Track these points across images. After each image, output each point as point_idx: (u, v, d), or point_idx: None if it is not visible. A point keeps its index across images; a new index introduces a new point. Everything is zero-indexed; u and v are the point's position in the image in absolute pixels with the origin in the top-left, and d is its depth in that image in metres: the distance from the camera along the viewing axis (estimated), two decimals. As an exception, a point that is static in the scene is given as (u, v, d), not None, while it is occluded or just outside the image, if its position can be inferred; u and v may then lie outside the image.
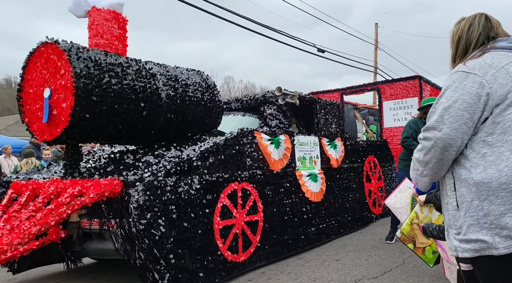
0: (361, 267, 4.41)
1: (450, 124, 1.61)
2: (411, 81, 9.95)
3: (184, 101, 4.58)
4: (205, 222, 3.75)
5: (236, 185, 4.19)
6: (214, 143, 4.06)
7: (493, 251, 1.55)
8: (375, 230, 6.56)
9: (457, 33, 1.83)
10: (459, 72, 1.67)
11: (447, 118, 1.62)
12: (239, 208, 4.21)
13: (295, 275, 4.21)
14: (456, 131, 1.61)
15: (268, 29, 12.79)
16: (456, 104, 1.61)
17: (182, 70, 4.81)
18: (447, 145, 1.62)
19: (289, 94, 5.33)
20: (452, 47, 1.85)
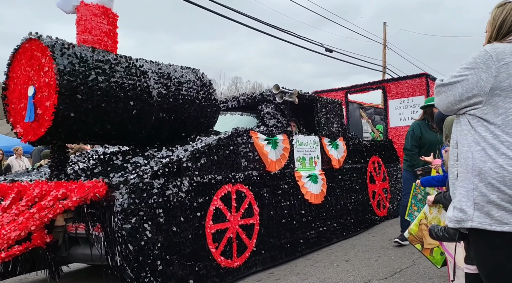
0: (370, 268, 4.36)
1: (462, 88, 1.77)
2: (418, 79, 9.69)
3: (177, 100, 4.40)
4: (196, 226, 3.57)
5: (230, 186, 4.01)
6: (206, 143, 3.89)
7: (468, 222, 1.67)
8: (385, 230, 6.47)
9: (501, 15, 1.81)
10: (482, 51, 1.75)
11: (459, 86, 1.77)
12: (233, 211, 4.02)
13: (304, 276, 4.19)
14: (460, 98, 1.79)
15: (275, 29, 12.71)
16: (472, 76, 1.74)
17: (176, 68, 4.64)
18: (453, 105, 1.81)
19: (287, 92, 5.14)
20: (491, 29, 1.84)
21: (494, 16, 1.84)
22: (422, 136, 5.21)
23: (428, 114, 5.23)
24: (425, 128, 5.24)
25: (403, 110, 9.90)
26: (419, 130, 5.24)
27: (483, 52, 1.75)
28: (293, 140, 5.11)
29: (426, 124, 5.23)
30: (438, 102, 1.90)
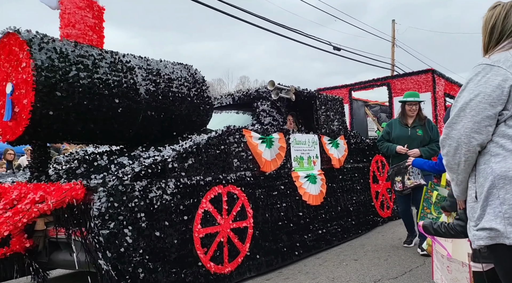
0: (380, 267, 4.32)
1: (472, 118, 1.57)
2: (424, 75, 9.41)
3: (167, 97, 4.20)
4: (182, 230, 3.37)
5: (220, 188, 3.80)
6: (195, 142, 3.68)
7: (505, 240, 1.52)
8: (394, 229, 6.36)
9: (490, 20, 1.75)
10: (482, 65, 1.63)
11: (469, 112, 1.57)
12: (224, 214, 3.82)
13: (313, 275, 4.17)
14: (479, 125, 1.56)
15: (283, 28, 12.68)
16: (478, 97, 1.57)
17: (167, 64, 4.44)
18: (471, 139, 1.57)
19: (284, 89, 4.92)
20: (484, 34, 1.77)
21: (486, 21, 1.77)
22: (391, 132, 5.14)
23: (401, 110, 5.16)
24: (396, 124, 5.13)
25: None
26: (390, 127, 5.24)
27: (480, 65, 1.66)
28: (290, 139, 4.89)
29: (399, 123, 5.11)
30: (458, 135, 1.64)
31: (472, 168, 1.65)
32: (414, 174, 4.61)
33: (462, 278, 2.52)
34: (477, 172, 1.63)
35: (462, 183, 1.70)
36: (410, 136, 4.95)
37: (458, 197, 1.79)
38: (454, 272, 2.62)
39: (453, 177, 1.72)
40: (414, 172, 4.59)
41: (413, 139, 4.93)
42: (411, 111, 5.01)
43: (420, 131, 4.95)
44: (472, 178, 1.65)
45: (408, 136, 4.96)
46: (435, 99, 9.19)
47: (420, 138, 4.93)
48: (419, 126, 4.97)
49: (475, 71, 1.64)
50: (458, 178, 1.69)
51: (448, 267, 2.68)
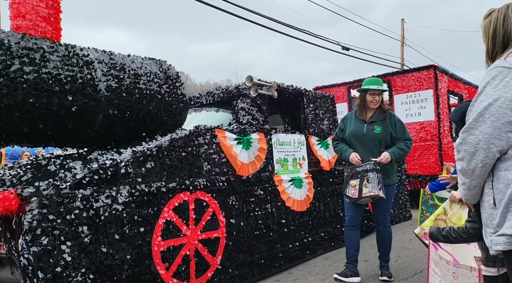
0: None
1: (492, 123, 1.52)
2: (425, 71, 8.94)
3: (132, 95, 3.82)
4: (138, 244, 2.98)
5: (187, 195, 3.42)
6: (156, 144, 3.30)
7: None
8: (404, 230, 6.27)
9: (490, 26, 1.73)
10: (499, 67, 1.57)
11: (488, 117, 1.53)
12: (191, 224, 3.43)
13: (322, 276, 4.15)
14: (499, 131, 1.52)
15: (290, 27, 12.65)
16: (498, 102, 1.52)
17: (135, 59, 4.06)
18: (491, 145, 1.53)
19: (264, 85, 4.51)
20: (487, 42, 1.74)
21: (485, 28, 1.76)
22: (346, 129, 4.11)
23: (360, 100, 4.06)
24: (352, 119, 4.08)
25: (409, 106, 9.17)
26: (345, 122, 4.15)
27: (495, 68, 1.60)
28: (271, 139, 4.49)
29: (355, 118, 4.07)
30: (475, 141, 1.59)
31: (489, 173, 1.60)
32: (373, 182, 3.65)
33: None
34: (495, 178, 1.58)
35: (475, 187, 1.64)
36: (366, 134, 3.92)
37: (468, 200, 1.73)
38: (461, 277, 2.56)
39: (466, 181, 1.65)
40: (374, 179, 3.65)
41: (369, 139, 3.90)
42: (373, 102, 3.92)
43: (378, 129, 3.91)
44: (488, 184, 1.61)
45: (363, 134, 3.93)
46: (437, 97, 8.73)
47: (378, 137, 3.88)
48: (378, 122, 3.93)
49: (492, 74, 1.57)
50: (471, 183, 1.64)
51: (454, 273, 2.63)
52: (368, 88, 3.94)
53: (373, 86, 3.92)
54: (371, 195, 3.68)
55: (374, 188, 3.64)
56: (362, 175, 3.72)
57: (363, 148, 3.92)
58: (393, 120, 3.98)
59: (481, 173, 1.58)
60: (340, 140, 4.14)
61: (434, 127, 8.72)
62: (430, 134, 8.76)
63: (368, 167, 3.73)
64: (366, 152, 3.89)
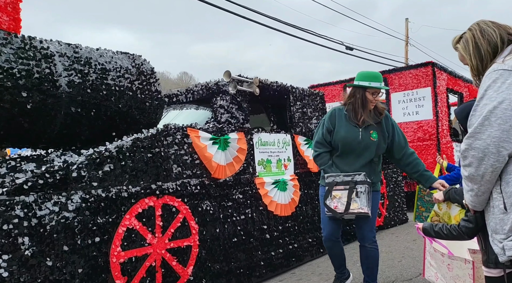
0: (394, 269, 4.27)
1: (499, 126, 1.49)
2: (423, 68, 8.63)
3: (99, 91, 3.53)
4: (92, 255, 2.69)
5: (152, 200, 3.12)
6: (117, 144, 3.01)
7: None
8: (408, 230, 6.21)
9: (468, 44, 1.76)
10: (499, 70, 1.57)
11: (495, 120, 1.50)
12: (157, 232, 3.13)
13: (326, 276, 4.11)
14: (508, 133, 1.50)
15: (293, 27, 12.66)
16: (503, 104, 1.50)
17: (104, 52, 3.77)
18: (501, 149, 1.49)
19: (246, 81, 4.21)
20: (470, 59, 1.76)
21: (464, 49, 1.79)
22: (335, 131, 3.25)
23: (357, 98, 3.20)
24: (342, 119, 3.25)
25: (407, 104, 8.86)
26: (333, 121, 3.27)
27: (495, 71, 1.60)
28: (253, 139, 4.19)
29: (344, 115, 3.25)
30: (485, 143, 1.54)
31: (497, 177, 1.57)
32: (363, 197, 3.01)
33: (463, 275, 2.48)
34: (503, 182, 1.56)
35: (484, 194, 1.61)
36: (361, 142, 3.16)
37: (476, 207, 1.69)
38: (456, 269, 2.58)
39: (473, 187, 1.61)
40: (364, 194, 3.01)
41: (364, 148, 3.18)
42: (373, 102, 3.19)
43: (375, 135, 3.19)
44: (497, 188, 1.58)
45: (359, 142, 3.16)
46: (435, 95, 8.41)
47: (375, 145, 3.18)
48: (373, 127, 3.20)
49: (492, 77, 1.56)
50: (480, 188, 1.59)
51: (449, 265, 2.65)
52: (371, 86, 3.13)
53: (375, 84, 3.13)
54: (359, 212, 3.02)
55: (363, 204, 3.01)
56: (351, 187, 3.03)
57: (356, 158, 3.19)
58: (390, 123, 3.29)
59: (491, 178, 1.55)
60: (326, 145, 3.29)
61: (432, 126, 8.40)
62: (428, 134, 8.44)
63: (359, 178, 3.06)
64: (359, 163, 3.18)
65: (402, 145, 3.29)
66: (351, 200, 3.01)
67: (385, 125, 3.26)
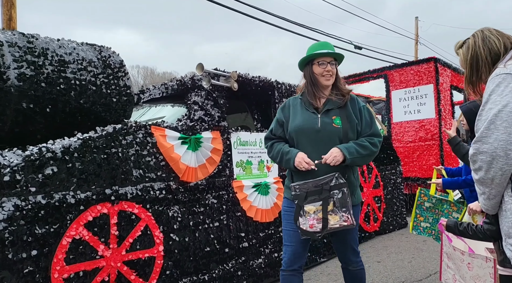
0: (404, 270, 4.26)
1: (505, 129, 1.51)
2: (425, 64, 8.20)
3: (55, 85, 3.20)
4: (29, 271, 2.35)
5: (106, 207, 2.78)
6: (63, 144, 2.67)
7: None
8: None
9: (468, 52, 1.79)
10: (501, 75, 1.60)
11: (500, 123, 1.52)
12: (112, 242, 2.79)
13: (335, 277, 4.11)
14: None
15: (301, 27, 12.45)
16: (507, 108, 1.52)
17: (64, 43, 3.44)
18: (508, 152, 1.50)
19: (223, 76, 3.86)
20: (465, 67, 1.80)
21: (464, 56, 1.82)
22: (287, 120, 2.63)
23: (306, 78, 2.62)
24: (297, 106, 2.63)
25: (408, 102, 8.44)
26: (286, 112, 2.66)
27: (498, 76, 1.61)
28: (230, 138, 3.83)
29: (301, 103, 2.62)
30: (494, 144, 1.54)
31: (508, 180, 1.57)
32: (342, 205, 2.34)
33: (484, 274, 2.42)
34: None
35: (495, 197, 1.61)
36: (321, 130, 2.49)
37: (488, 210, 1.69)
38: (476, 268, 2.54)
39: (485, 191, 1.62)
40: (343, 200, 2.34)
41: (325, 137, 2.49)
42: (325, 77, 2.53)
43: (338, 121, 2.50)
44: (508, 191, 1.58)
45: (317, 131, 2.49)
46: (438, 92, 7.98)
47: (338, 133, 2.48)
48: (336, 111, 2.52)
49: (495, 82, 1.59)
50: (491, 192, 1.60)
51: (469, 264, 2.61)
52: (315, 53, 2.52)
53: (322, 51, 2.52)
54: (342, 226, 2.34)
55: (345, 213, 2.34)
56: (325, 196, 2.34)
57: (316, 150, 2.47)
58: (357, 107, 2.57)
59: (501, 181, 1.55)
60: (277, 139, 2.67)
61: (434, 125, 7.97)
62: (430, 133, 8.02)
63: (331, 180, 2.36)
64: (320, 156, 2.44)
65: (364, 132, 2.55)
66: (327, 214, 2.32)
67: (352, 109, 2.54)
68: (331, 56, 2.55)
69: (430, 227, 3.97)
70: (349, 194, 2.38)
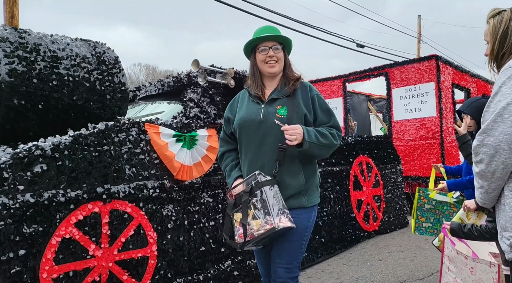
0: (405, 268, 4.26)
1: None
2: (426, 62, 8.11)
3: (48, 82, 3.15)
4: (16, 271, 2.29)
5: (98, 206, 2.72)
6: (53, 141, 2.61)
7: None
8: None
9: (500, 25, 1.69)
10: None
11: (508, 117, 1.49)
12: (104, 242, 2.73)
13: (336, 275, 4.12)
14: None
15: (302, 25, 12.37)
16: None
17: (57, 39, 3.39)
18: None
19: (219, 72, 3.79)
20: (493, 41, 1.70)
21: (493, 28, 1.72)
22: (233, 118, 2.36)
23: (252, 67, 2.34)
24: (245, 99, 2.34)
25: (409, 100, 8.35)
26: (234, 106, 2.38)
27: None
28: (226, 136, 3.76)
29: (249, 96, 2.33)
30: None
31: (509, 174, 1.55)
32: (267, 205, 1.96)
33: (487, 279, 2.43)
34: None
35: (494, 190, 1.59)
36: (263, 122, 2.17)
37: (485, 204, 1.67)
38: (479, 273, 2.52)
39: (484, 184, 1.60)
40: (268, 200, 1.97)
41: (268, 130, 2.16)
42: (269, 64, 2.24)
43: (283, 111, 2.17)
44: (509, 185, 1.56)
45: (259, 122, 2.18)
46: (439, 91, 7.90)
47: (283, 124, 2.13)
48: (283, 100, 2.21)
49: (507, 74, 1.55)
50: (490, 186, 1.58)
51: (472, 268, 2.57)
52: (254, 39, 2.26)
53: (260, 35, 2.25)
54: (267, 230, 1.92)
55: (269, 216, 1.94)
56: (245, 200, 2.02)
57: (258, 146, 2.17)
58: (309, 96, 2.24)
59: (502, 175, 1.54)
60: (230, 141, 2.38)
61: (435, 124, 7.89)
62: (431, 132, 7.94)
63: (255, 179, 2.04)
64: (263, 155, 2.17)
65: (321, 123, 2.23)
66: (247, 218, 1.98)
67: (301, 97, 2.21)
68: (273, 40, 2.24)
69: (432, 226, 3.94)
70: (277, 193, 2.02)
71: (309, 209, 2.18)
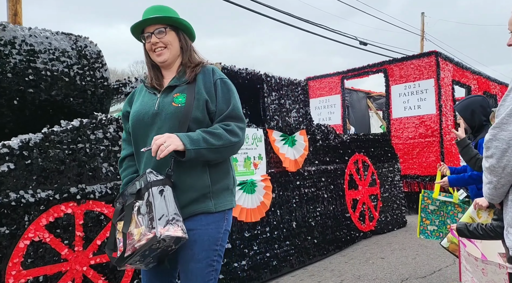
0: (408, 266, 4.25)
1: None
2: (426, 58, 7.95)
3: (23, 76, 3.01)
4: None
5: (71, 207, 2.58)
6: (22, 139, 2.47)
7: None
8: None
9: None
10: None
11: None
12: (77, 245, 2.60)
13: (338, 272, 4.11)
14: None
15: (305, 22, 12.45)
16: None
17: (35, 32, 3.25)
18: None
19: (205, 67, 3.63)
20: None
21: None
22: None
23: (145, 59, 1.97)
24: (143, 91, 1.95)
25: (408, 98, 8.18)
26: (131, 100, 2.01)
27: None
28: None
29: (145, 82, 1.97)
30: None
31: None
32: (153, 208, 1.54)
33: (499, 280, 2.46)
34: None
35: (503, 186, 1.55)
36: (159, 113, 1.80)
37: (493, 200, 1.63)
38: (490, 274, 2.54)
39: (493, 180, 1.56)
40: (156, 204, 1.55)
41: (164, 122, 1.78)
42: (156, 52, 1.86)
43: (181, 99, 1.79)
44: None
45: (154, 115, 1.81)
46: (439, 88, 7.73)
47: (178, 114, 1.77)
48: (182, 88, 1.82)
49: None
50: (499, 181, 1.53)
51: (483, 270, 2.59)
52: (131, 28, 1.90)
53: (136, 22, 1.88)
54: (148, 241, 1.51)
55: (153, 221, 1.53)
56: (129, 204, 1.66)
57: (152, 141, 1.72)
58: (212, 80, 1.86)
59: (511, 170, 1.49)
60: (131, 139, 1.92)
61: (435, 122, 7.73)
62: (430, 129, 7.77)
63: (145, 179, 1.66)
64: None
65: (220, 111, 1.82)
66: (128, 226, 1.60)
67: (204, 82, 1.83)
68: (156, 23, 1.84)
69: (437, 229, 3.83)
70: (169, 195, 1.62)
71: (218, 216, 1.76)
